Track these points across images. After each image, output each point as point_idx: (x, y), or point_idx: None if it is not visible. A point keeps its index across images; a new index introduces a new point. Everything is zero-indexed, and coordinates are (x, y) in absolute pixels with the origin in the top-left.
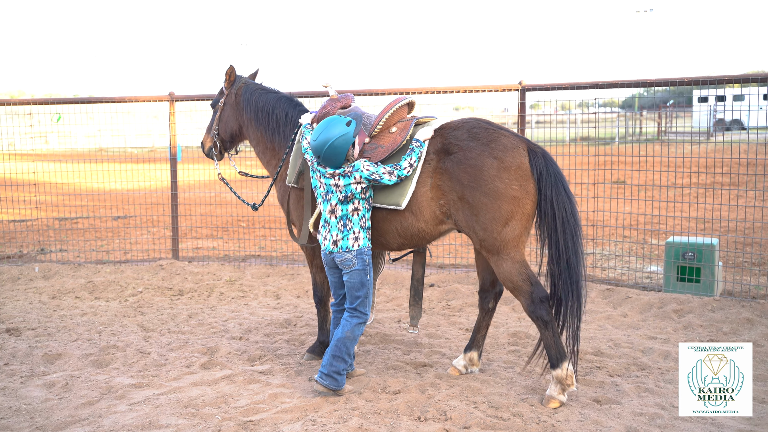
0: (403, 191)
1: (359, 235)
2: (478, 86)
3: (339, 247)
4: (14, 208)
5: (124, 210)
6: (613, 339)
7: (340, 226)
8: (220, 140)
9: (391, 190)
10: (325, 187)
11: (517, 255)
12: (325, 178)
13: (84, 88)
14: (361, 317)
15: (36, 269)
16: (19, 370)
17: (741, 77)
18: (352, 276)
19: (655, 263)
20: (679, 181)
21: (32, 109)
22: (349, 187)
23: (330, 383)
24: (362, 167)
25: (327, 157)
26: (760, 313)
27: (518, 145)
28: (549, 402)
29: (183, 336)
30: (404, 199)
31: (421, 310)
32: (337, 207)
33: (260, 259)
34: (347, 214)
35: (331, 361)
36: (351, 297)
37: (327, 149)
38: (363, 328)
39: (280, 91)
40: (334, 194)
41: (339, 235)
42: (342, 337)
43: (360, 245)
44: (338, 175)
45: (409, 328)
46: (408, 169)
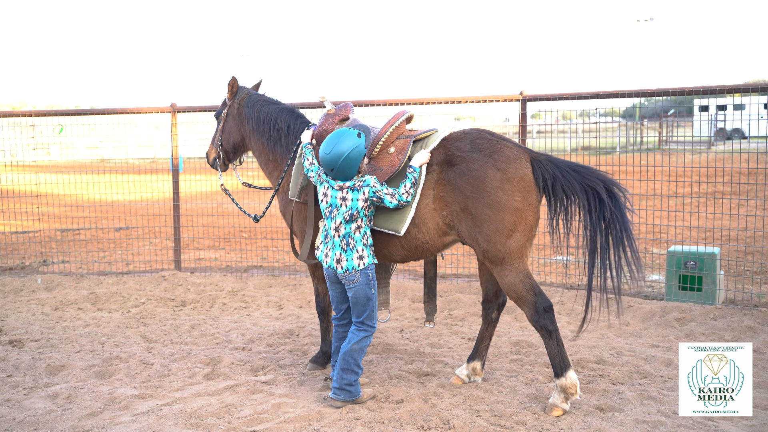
0: (402, 217)
1: (363, 254)
2: (479, 97)
3: (345, 269)
4: (16, 219)
5: (126, 221)
6: (615, 347)
7: (343, 244)
8: (223, 151)
9: (390, 214)
10: (330, 200)
11: (520, 266)
12: (332, 189)
13: (85, 99)
14: (369, 330)
15: (38, 281)
16: (23, 381)
17: (742, 87)
18: (357, 292)
19: (656, 272)
20: (680, 191)
21: (34, 120)
22: (355, 203)
23: (345, 396)
24: (372, 183)
25: (342, 169)
26: (761, 321)
27: (521, 156)
28: (552, 410)
29: (186, 347)
30: (403, 226)
31: (436, 306)
32: (341, 225)
33: (262, 270)
34: (350, 233)
35: (341, 374)
36: (357, 311)
37: (342, 162)
38: (370, 339)
39: (282, 102)
40: (339, 211)
41: (342, 255)
42: (349, 350)
43: (365, 263)
44: (348, 188)
45: (425, 323)
46: (406, 195)
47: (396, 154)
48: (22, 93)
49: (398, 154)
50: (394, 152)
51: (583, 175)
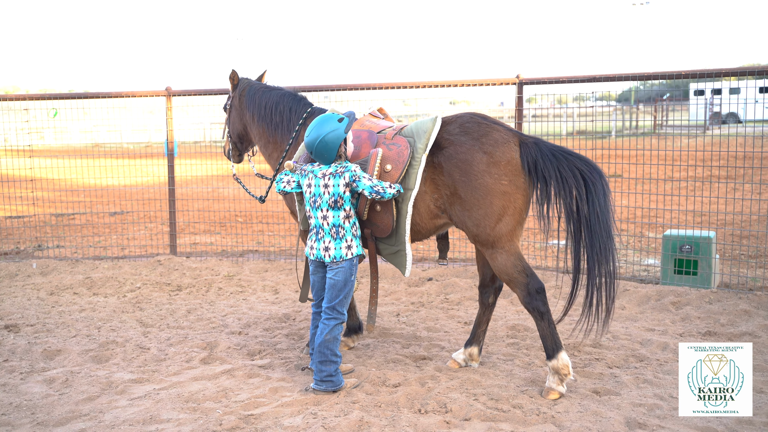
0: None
1: (352, 244)
2: (475, 80)
3: (332, 257)
4: (11, 204)
5: (121, 206)
6: (611, 331)
7: (333, 233)
8: (232, 143)
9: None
10: (314, 190)
11: (511, 248)
12: (316, 178)
13: (79, 83)
14: (339, 317)
15: (33, 265)
16: (19, 366)
17: (737, 70)
18: (337, 274)
19: (652, 256)
20: (675, 175)
21: (28, 104)
22: (337, 189)
23: (327, 387)
24: (353, 168)
25: (319, 152)
26: (757, 304)
27: (509, 139)
28: (548, 393)
29: (182, 331)
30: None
31: (449, 243)
32: (328, 213)
33: (258, 254)
34: (340, 222)
35: (320, 367)
36: (332, 295)
37: (318, 144)
38: (342, 327)
39: (283, 88)
40: (323, 198)
41: (331, 243)
42: (322, 341)
43: (353, 253)
44: (329, 175)
45: (438, 261)
46: (390, 189)
47: (394, 168)
48: (15, 77)
49: (396, 168)
50: (392, 168)
51: (560, 160)
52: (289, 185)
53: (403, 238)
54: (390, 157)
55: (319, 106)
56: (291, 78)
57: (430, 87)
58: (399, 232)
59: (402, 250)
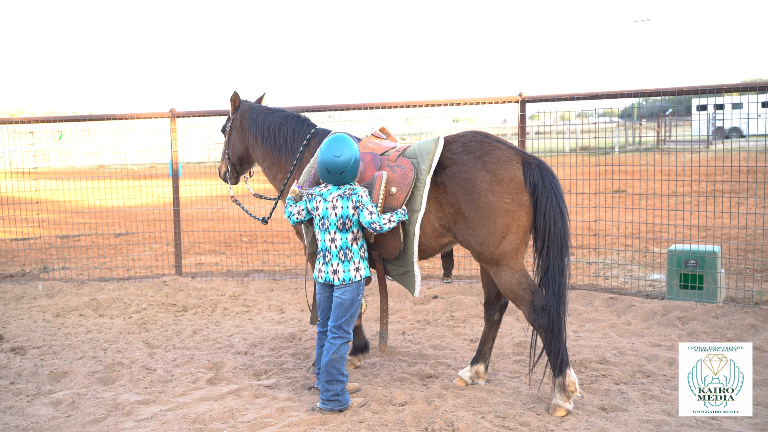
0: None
1: (360, 266)
2: (478, 98)
3: (341, 280)
4: (16, 226)
5: (126, 227)
6: (617, 347)
7: (341, 255)
8: (230, 164)
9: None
10: (322, 212)
11: (516, 265)
12: (324, 201)
13: (83, 105)
14: (345, 336)
15: (39, 287)
16: (25, 388)
17: (739, 86)
18: (345, 293)
19: (657, 271)
20: (679, 190)
21: (33, 127)
22: (345, 210)
23: (334, 406)
24: (360, 193)
25: (351, 171)
26: (763, 318)
27: (512, 157)
28: (555, 411)
29: (188, 352)
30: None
31: (453, 261)
32: (336, 235)
33: (263, 274)
34: (348, 245)
35: (326, 386)
36: (338, 314)
37: (353, 163)
38: (348, 347)
39: (285, 109)
40: (331, 221)
41: (340, 266)
42: (329, 360)
43: (361, 275)
44: (338, 197)
45: (443, 280)
46: (387, 224)
47: (399, 191)
48: (20, 100)
49: (401, 190)
50: (397, 191)
51: (558, 200)
52: (299, 215)
53: (411, 259)
54: (394, 179)
55: (323, 127)
56: (294, 97)
57: (433, 106)
58: (407, 253)
59: (410, 270)
